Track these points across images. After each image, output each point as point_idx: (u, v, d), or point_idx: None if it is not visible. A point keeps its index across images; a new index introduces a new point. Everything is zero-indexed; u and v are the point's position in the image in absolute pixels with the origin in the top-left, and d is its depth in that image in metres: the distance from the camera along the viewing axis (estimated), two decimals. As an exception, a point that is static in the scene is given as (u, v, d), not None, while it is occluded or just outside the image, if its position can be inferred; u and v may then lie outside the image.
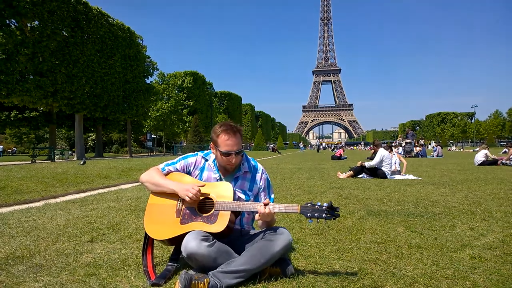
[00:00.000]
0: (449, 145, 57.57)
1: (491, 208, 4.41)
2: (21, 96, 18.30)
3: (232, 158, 2.25)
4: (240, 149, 2.27)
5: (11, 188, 6.55)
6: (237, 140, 2.25)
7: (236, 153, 2.25)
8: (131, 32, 27.75)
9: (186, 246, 2.01)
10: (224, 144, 2.23)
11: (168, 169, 2.41)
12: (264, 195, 2.43)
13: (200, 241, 2.00)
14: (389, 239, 3.06)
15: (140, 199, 5.63)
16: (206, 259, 2.02)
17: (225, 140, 2.24)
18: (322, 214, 2.02)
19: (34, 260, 2.57)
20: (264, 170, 2.50)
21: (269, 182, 2.50)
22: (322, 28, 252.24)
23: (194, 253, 2.00)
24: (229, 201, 2.15)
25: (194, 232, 2.07)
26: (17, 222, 3.97)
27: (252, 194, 2.38)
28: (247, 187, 2.38)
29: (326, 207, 2.02)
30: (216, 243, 2.07)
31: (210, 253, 2.02)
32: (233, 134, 2.25)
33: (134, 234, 3.33)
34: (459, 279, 2.12)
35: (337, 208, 2.03)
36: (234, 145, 2.24)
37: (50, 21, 19.27)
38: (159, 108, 39.84)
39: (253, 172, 2.42)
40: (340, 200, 5.27)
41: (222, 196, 2.18)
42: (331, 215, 2.02)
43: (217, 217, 2.13)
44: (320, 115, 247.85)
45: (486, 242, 2.91)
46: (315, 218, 2.02)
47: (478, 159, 13.10)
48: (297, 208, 2.07)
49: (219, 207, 2.14)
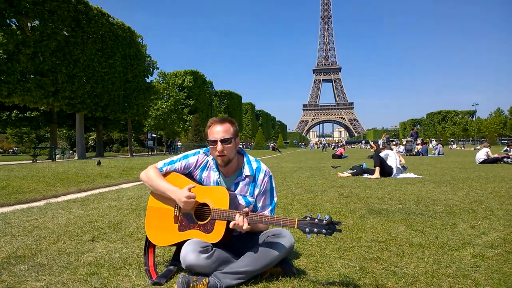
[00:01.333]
0: (450, 143, 57.44)
1: (492, 206, 4.40)
2: (22, 96, 18.30)
3: (220, 148, 2.17)
4: (225, 137, 2.18)
5: (12, 188, 6.56)
6: (223, 128, 2.20)
7: (222, 140, 2.18)
8: (131, 32, 27.74)
9: (185, 258, 2.00)
10: (211, 132, 2.21)
11: (166, 169, 2.33)
12: (263, 200, 2.35)
13: (198, 253, 1.99)
14: (390, 237, 3.05)
15: (141, 198, 5.63)
16: (205, 270, 2.01)
17: (212, 129, 2.22)
18: (322, 230, 1.90)
19: (35, 259, 2.57)
20: (269, 171, 2.39)
21: (272, 185, 2.38)
22: (322, 27, 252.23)
23: (193, 266, 2.00)
24: (224, 209, 2.08)
25: (192, 242, 2.04)
26: (18, 221, 3.98)
27: (253, 199, 2.32)
28: (247, 191, 2.31)
29: (327, 221, 1.89)
30: (215, 252, 2.05)
31: (209, 264, 2.00)
32: (220, 123, 2.22)
33: (135, 233, 3.33)
34: (461, 278, 2.12)
35: (338, 223, 1.90)
36: (219, 132, 2.19)
37: (50, 21, 19.25)
38: (159, 107, 39.86)
39: (255, 175, 2.33)
40: (341, 198, 5.27)
41: (218, 203, 2.12)
42: (332, 230, 1.90)
43: (214, 226, 2.09)
44: (321, 114, 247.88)
45: (488, 240, 2.91)
46: (314, 234, 1.92)
47: (479, 158, 13.09)
48: (294, 223, 1.96)
49: (214, 215, 2.10)
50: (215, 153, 2.22)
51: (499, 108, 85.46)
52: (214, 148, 2.21)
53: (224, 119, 2.26)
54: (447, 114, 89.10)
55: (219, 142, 2.18)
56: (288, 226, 1.99)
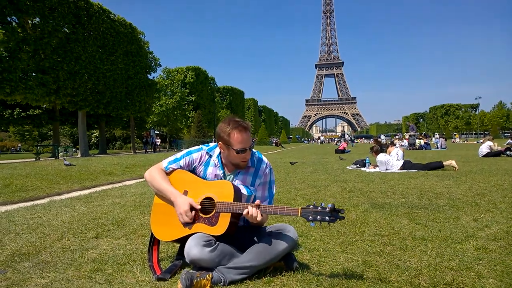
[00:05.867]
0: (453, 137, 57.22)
1: (495, 199, 4.39)
2: (24, 93, 18.34)
3: (248, 154, 2.23)
4: (251, 144, 2.26)
5: (15, 186, 6.59)
6: (248, 135, 2.24)
7: (249, 148, 2.24)
8: (132, 28, 27.67)
9: (189, 252, 2.01)
10: (237, 142, 2.19)
11: (171, 167, 2.34)
12: (263, 191, 2.37)
13: (202, 247, 2.00)
14: (393, 231, 3.06)
15: (144, 195, 5.64)
16: (209, 263, 2.03)
17: (238, 137, 2.19)
18: (325, 217, 1.90)
19: (40, 256, 2.59)
20: (269, 164, 2.43)
21: (272, 178, 2.42)
22: (324, 21, 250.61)
23: (197, 260, 2.01)
24: (229, 201, 2.10)
25: (196, 236, 2.06)
26: (22, 219, 4.00)
27: (255, 189, 2.34)
28: (249, 182, 2.33)
29: (330, 209, 1.90)
30: (219, 246, 2.06)
31: (212, 257, 2.02)
32: (245, 131, 2.22)
33: (138, 229, 3.34)
34: (464, 270, 2.12)
35: (341, 210, 1.91)
36: (247, 141, 2.22)
37: (51, 18, 19.25)
38: (163, 103, 39.85)
39: (257, 166, 2.36)
40: (344, 193, 5.27)
41: (222, 196, 2.14)
42: (335, 218, 1.90)
43: (218, 219, 2.11)
44: (323, 109, 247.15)
45: (491, 233, 2.90)
46: (317, 221, 1.92)
47: (482, 151, 13.04)
48: (298, 212, 1.96)
49: (219, 208, 2.11)
50: (242, 160, 2.24)
51: (501, 101, 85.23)
52: (243, 156, 2.23)
53: (245, 126, 2.25)
54: (450, 108, 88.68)
55: (248, 151, 2.23)
56: (291, 215, 1.99)
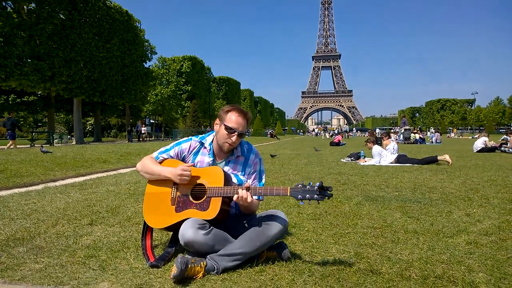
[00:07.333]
0: (448, 131, 57.44)
1: (488, 194, 4.44)
2: (19, 79, 18.18)
3: (233, 136, 2.23)
4: (243, 132, 2.27)
5: (10, 172, 6.56)
6: (244, 122, 2.27)
7: (240, 134, 2.25)
8: (129, 16, 27.40)
9: (184, 234, 2.02)
10: (231, 119, 2.23)
11: (162, 157, 2.37)
12: (253, 179, 2.39)
13: (196, 229, 2.02)
14: (385, 224, 3.09)
15: (139, 183, 5.65)
16: (203, 247, 2.04)
17: (234, 116, 2.24)
18: (314, 195, 1.92)
19: (34, 242, 2.60)
20: (259, 153, 2.46)
21: (261, 168, 2.45)
22: (322, 13, 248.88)
23: (191, 242, 2.02)
24: (220, 186, 2.12)
25: (191, 220, 2.07)
26: (17, 205, 4.00)
27: (244, 178, 2.37)
28: (239, 170, 2.36)
29: (318, 187, 1.92)
30: (213, 230, 2.08)
31: (207, 240, 2.04)
32: (243, 116, 2.27)
33: (133, 217, 3.35)
34: (455, 264, 2.15)
35: (329, 188, 1.94)
36: (241, 124, 2.24)
37: (46, 4, 19.00)
38: (158, 92, 39.63)
39: (246, 155, 2.39)
40: (338, 185, 5.30)
41: (213, 181, 2.16)
42: (323, 196, 1.92)
43: (209, 204, 2.12)
44: (319, 101, 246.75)
45: (482, 228, 2.94)
46: (306, 200, 1.95)
47: (477, 146, 13.13)
48: (287, 191, 1.98)
49: (210, 193, 2.13)
50: (227, 141, 2.25)
51: (498, 97, 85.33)
52: (229, 135, 2.24)
53: (245, 113, 2.30)
54: (446, 103, 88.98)
55: (237, 135, 2.24)
56: (281, 195, 2.01)
